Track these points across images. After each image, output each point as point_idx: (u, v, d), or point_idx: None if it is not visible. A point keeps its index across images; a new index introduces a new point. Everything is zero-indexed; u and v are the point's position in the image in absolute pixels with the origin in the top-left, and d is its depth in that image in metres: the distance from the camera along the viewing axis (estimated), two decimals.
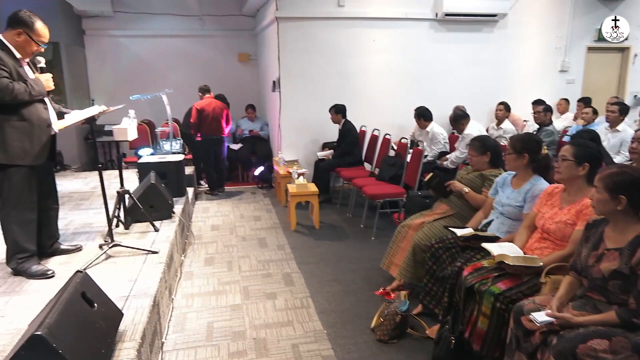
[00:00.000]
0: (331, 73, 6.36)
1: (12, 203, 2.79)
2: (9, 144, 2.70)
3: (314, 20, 6.16)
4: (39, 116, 2.81)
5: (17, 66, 2.71)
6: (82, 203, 4.81)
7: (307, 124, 6.40)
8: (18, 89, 2.63)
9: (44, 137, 2.83)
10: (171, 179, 4.69)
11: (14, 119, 2.71)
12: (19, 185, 2.78)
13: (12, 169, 2.74)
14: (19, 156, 2.73)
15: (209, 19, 8.09)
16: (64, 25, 6.95)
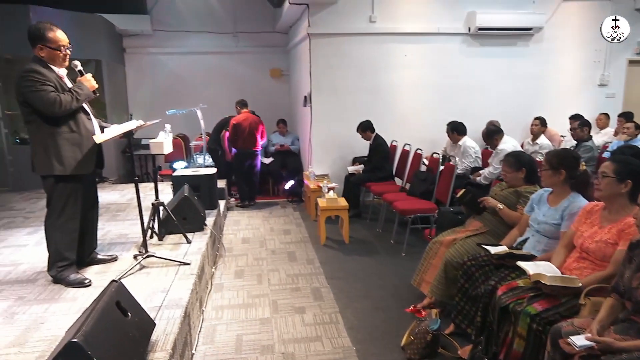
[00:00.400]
0: (362, 88, 6.38)
1: (58, 212, 2.91)
2: (63, 155, 2.83)
3: (345, 36, 6.22)
4: (85, 127, 2.95)
5: (58, 79, 2.85)
6: (119, 214, 4.95)
7: (338, 138, 6.42)
8: (65, 99, 2.76)
9: (91, 146, 2.97)
10: (204, 191, 4.78)
11: (65, 130, 2.85)
12: (67, 196, 2.91)
13: (64, 179, 2.87)
14: (73, 166, 2.87)
15: (242, 36, 8.30)
16: (106, 44, 7.28)
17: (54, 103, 2.72)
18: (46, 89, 2.72)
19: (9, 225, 4.61)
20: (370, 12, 6.21)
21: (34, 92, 2.71)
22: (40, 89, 2.71)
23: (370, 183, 5.75)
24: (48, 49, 2.83)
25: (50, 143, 2.82)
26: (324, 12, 6.11)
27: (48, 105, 2.72)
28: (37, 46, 2.82)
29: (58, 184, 2.88)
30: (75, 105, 2.83)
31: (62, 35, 2.87)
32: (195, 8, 8.08)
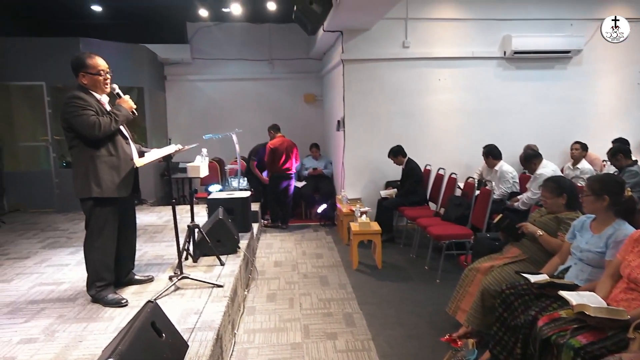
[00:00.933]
0: (395, 112, 6.38)
1: (97, 234, 3.01)
2: (102, 178, 2.95)
3: (379, 62, 6.28)
4: (124, 150, 3.07)
5: (98, 104, 2.99)
6: (156, 236, 5.08)
7: (371, 162, 6.42)
8: (104, 121, 2.89)
9: (129, 169, 3.08)
10: (238, 214, 4.85)
11: (104, 154, 2.97)
12: (105, 218, 3.01)
13: (102, 202, 2.98)
14: (110, 189, 2.97)
15: (278, 62, 8.51)
16: (148, 73, 7.62)
17: (94, 126, 2.85)
18: (87, 113, 2.86)
19: (53, 245, 4.80)
20: (403, 38, 6.26)
21: (75, 117, 2.86)
22: (81, 113, 2.85)
23: (403, 207, 5.68)
24: (89, 75, 2.99)
25: (90, 166, 2.94)
26: (357, 39, 6.20)
27: (88, 129, 2.85)
28: (80, 74, 2.99)
29: (96, 206, 2.98)
30: (114, 127, 2.95)
31: (101, 61, 3.04)
32: (232, 37, 8.37)
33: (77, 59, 3.00)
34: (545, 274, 2.76)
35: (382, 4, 5.11)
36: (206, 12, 7.45)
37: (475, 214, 4.63)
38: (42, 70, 6.61)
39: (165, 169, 3.31)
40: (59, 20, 7.72)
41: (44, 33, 7.40)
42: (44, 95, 6.71)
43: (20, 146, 7.06)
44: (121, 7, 7.18)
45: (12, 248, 4.72)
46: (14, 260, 4.26)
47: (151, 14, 7.72)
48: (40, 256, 4.39)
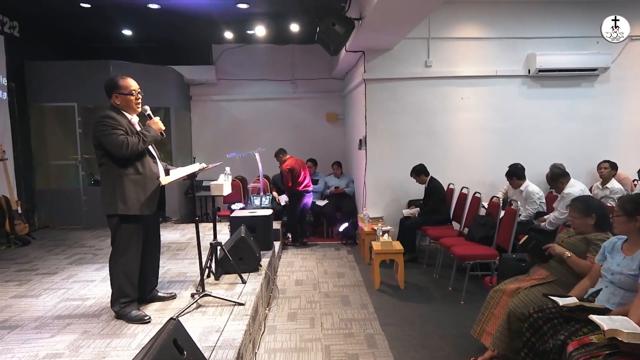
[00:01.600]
0: (418, 131, 6.36)
1: (122, 251, 3.06)
2: (127, 196, 3.01)
3: (400, 81, 6.30)
4: (150, 169, 3.13)
5: (129, 124, 3.08)
6: (179, 253, 5.13)
7: (393, 181, 6.38)
8: (132, 141, 2.97)
9: (155, 188, 3.14)
10: (260, 232, 4.86)
11: (131, 172, 3.04)
12: (130, 235, 3.06)
13: (128, 219, 3.04)
14: (135, 207, 3.03)
15: (300, 82, 8.63)
16: (175, 93, 7.84)
17: (122, 145, 2.93)
18: (116, 133, 2.95)
19: (80, 261, 4.90)
20: (425, 57, 6.27)
21: (105, 136, 2.95)
22: (111, 132, 2.95)
23: (426, 227, 5.61)
24: (122, 95, 3.10)
25: (117, 184, 3.01)
26: (379, 58, 6.25)
27: (117, 148, 2.93)
28: (113, 95, 3.10)
29: (122, 223, 3.04)
30: (142, 147, 3.03)
31: (132, 82, 3.15)
32: (256, 58, 8.55)
33: (111, 81, 3.11)
34: (575, 296, 2.66)
35: (404, 24, 5.15)
36: (231, 34, 7.65)
37: (500, 234, 4.53)
38: (74, 92, 6.87)
39: (190, 187, 3.36)
40: (92, 45, 8.05)
41: (78, 56, 7.72)
42: (75, 116, 6.95)
43: (51, 164, 7.30)
44: (150, 31, 7.44)
45: (41, 264, 4.84)
46: (42, 276, 4.36)
47: (178, 37, 7.97)
48: (67, 272, 4.49)
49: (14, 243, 5.68)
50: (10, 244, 5.64)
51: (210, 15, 6.62)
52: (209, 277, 3.91)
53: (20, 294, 3.84)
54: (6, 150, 5.98)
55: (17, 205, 5.89)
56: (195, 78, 8.32)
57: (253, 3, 6.17)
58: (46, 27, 7.14)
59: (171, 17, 6.58)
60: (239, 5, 6.18)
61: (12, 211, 5.79)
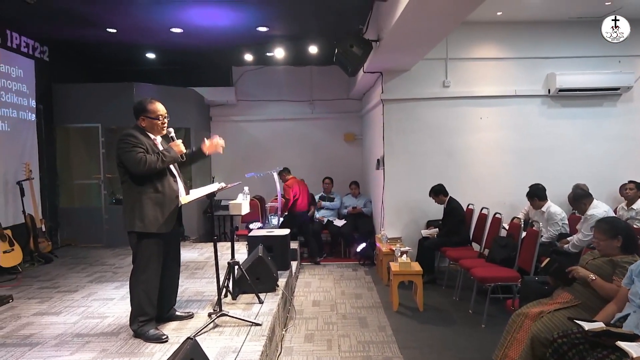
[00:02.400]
0: (436, 151, 6.33)
1: (142, 269, 3.10)
2: (145, 214, 3.06)
3: (418, 101, 6.31)
4: (170, 188, 3.18)
5: (152, 144, 3.15)
6: (197, 272, 5.16)
7: (411, 201, 6.34)
8: (150, 159, 3.03)
9: (173, 207, 3.18)
10: (277, 252, 4.86)
11: (149, 190, 3.09)
12: (150, 253, 3.10)
13: (146, 236, 3.08)
14: (153, 225, 3.08)
15: (318, 103, 8.72)
16: (195, 114, 7.99)
17: (139, 162, 2.99)
18: (136, 150, 3.03)
19: (100, 279, 4.96)
20: (443, 77, 6.29)
21: (125, 153, 3.03)
22: (131, 149, 3.03)
23: (445, 248, 5.53)
24: (149, 119, 3.18)
25: (136, 201, 3.07)
26: (397, 79, 6.28)
27: (134, 164, 3.00)
28: (140, 117, 3.19)
29: (141, 240, 3.08)
30: (160, 166, 3.08)
31: (160, 107, 3.24)
32: (275, 79, 8.69)
33: (140, 104, 3.21)
34: (601, 321, 2.58)
35: (422, 46, 5.19)
36: (251, 56, 7.80)
37: (522, 256, 4.43)
38: (98, 113, 7.06)
39: (208, 207, 3.38)
40: (117, 68, 8.30)
41: (103, 79, 7.97)
42: (99, 136, 7.13)
43: (75, 183, 7.46)
44: (172, 54, 7.64)
45: (62, 281, 4.92)
46: (63, 294, 4.43)
47: (200, 60, 8.16)
48: (88, 290, 4.54)
49: (37, 261, 5.79)
50: (33, 262, 5.75)
51: (231, 38, 6.78)
52: (226, 297, 3.91)
53: (41, 311, 3.90)
54: (33, 169, 6.16)
55: (41, 224, 6.03)
56: (216, 99, 8.49)
57: (272, 26, 6.30)
58: (74, 51, 7.40)
59: (193, 40, 6.77)
60: (258, 28, 6.32)
61: (37, 229, 5.93)
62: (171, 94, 7.34)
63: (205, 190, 3.30)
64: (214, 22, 6.02)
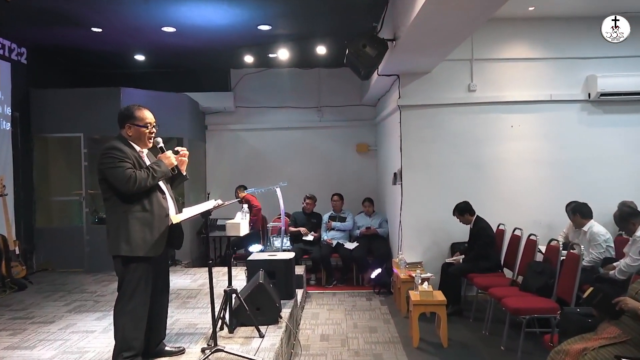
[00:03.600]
0: (460, 164, 6.32)
1: (128, 297, 3.10)
2: (131, 235, 3.07)
3: (440, 107, 6.32)
4: (159, 206, 3.20)
5: (138, 157, 3.18)
6: (189, 301, 5.15)
7: (433, 220, 6.31)
8: (140, 176, 3.06)
9: (163, 227, 3.19)
10: (280, 278, 4.85)
11: (136, 209, 3.11)
12: (138, 279, 3.10)
13: (133, 260, 3.09)
14: (140, 247, 3.09)
15: (327, 109, 8.79)
16: (188, 122, 8.08)
17: (129, 180, 3.02)
18: (123, 166, 3.05)
19: (80, 309, 4.97)
20: (469, 81, 6.31)
21: (111, 169, 3.06)
22: (117, 165, 3.05)
23: (472, 274, 5.49)
24: (135, 127, 3.22)
25: (122, 222, 3.08)
26: (416, 83, 6.31)
27: (123, 182, 3.03)
28: (126, 125, 3.23)
29: (127, 265, 3.09)
30: (150, 183, 3.11)
31: (149, 114, 3.29)
32: (278, 83, 8.79)
33: (127, 110, 3.26)
34: None
35: (444, 45, 5.22)
36: (251, 58, 7.91)
37: (561, 284, 4.38)
38: (81, 122, 7.17)
39: (203, 227, 3.40)
40: (103, 71, 8.45)
41: (87, 84, 8.09)
42: (81, 147, 7.22)
43: (53, 200, 7.55)
44: (164, 55, 7.77)
45: (37, 311, 4.94)
46: (38, 325, 4.44)
47: (194, 62, 8.29)
48: (66, 321, 4.55)
49: (10, 287, 5.82)
50: (5, 288, 5.78)
51: (229, 39, 6.88)
52: (222, 330, 3.89)
53: (13, 344, 3.91)
54: (7, 184, 6.22)
55: (15, 246, 6.07)
56: (212, 105, 8.60)
57: (276, 25, 6.38)
58: (55, 54, 7.55)
59: (187, 40, 6.87)
60: (260, 27, 6.41)
61: (10, 252, 5.97)
62: (162, 100, 7.44)
63: (199, 208, 3.32)
64: (210, 20, 6.12)
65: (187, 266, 7.46)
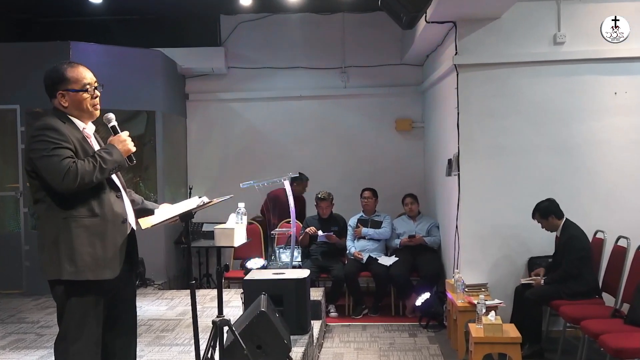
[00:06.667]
0: (542, 147, 6.25)
1: (73, 334, 3.04)
2: (77, 250, 2.97)
3: (514, 67, 6.25)
4: (112, 209, 3.11)
5: (82, 139, 3.09)
6: (165, 336, 5.20)
7: (503, 226, 6.26)
8: (83, 168, 2.91)
9: (119, 238, 3.12)
10: (290, 305, 4.86)
11: (82, 214, 3.01)
12: (84, 311, 3.03)
13: (78, 286, 3.01)
14: (89, 267, 3.00)
15: (355, 72, 8.74)
16: (162, 89, 8.09)
17: (67, 173, 2.87)
18: (59, 154, 2.92)
19: (17, 345, 5.05)
20: (554, 30, 6.21)
21: (42, 158, 2.93)
22: (51, 154, 2.91)
23: (558, 301, 5.47)
24: (70, 93, 3.10)
25: (61, 232, 2.98)
26: (479, 33, 6.24)
27: (58, 177, 2.89)
28: (58, 94, 3.11)
29: (71, 293, 3.00)
30: (98, 178, 2.97)
31: (86, 71, 3.16)
32: (286, 36, 8.78)
33: (53, 72, 3.13)
34: None
35: None
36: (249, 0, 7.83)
37: None
38: (16, 89, 7.23)
39: (183, 234, 3.40)
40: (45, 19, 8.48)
41: (25, 37, 8.14)
42: (17, 124, 7.30)
43: None
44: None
45: None
46: None
47: (170, 6, 8.28)
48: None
49: None
50: None
51: None
52: None
53: None
54: None
55: None
56: (195, 66, 8.61)
57: None
58: None
59: None
60: None
61: None
62: (125, 58, 7.48)
63: (177, 208, 3.32)
64: None
65: (162, 288, 7.52)
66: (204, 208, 3.40)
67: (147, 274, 7.61)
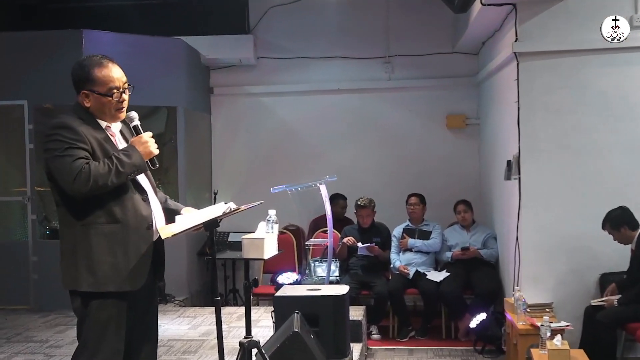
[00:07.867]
0: (618, 147, 6.16)
1: (92, 349, 3.12)
2: (96, 260, 3.05)
3: (582, 56, 6.18)
4: (136, 214, 3.16)
5: (103, 140, 3.13)
6: (187, 358, 5.24)
7: (571, 237, 6.18)
8: (96, 170, 2.95)
9: (143, 246, 3.17)
10: (326, 326, 4.85)
11: (101, 221, 3.07)
12: (104, 323, 3.12)
13: (98, 297, 3.09)
14: (110, 278, 3.09)
15: (400, 61, 8.72)
16: (185, 82, 8.19)
17: (78, 176, 2.91)
18: (73, 154, 2.96)
19: None
20: (631, 11, 6.13)
21: (55, 159, 2.99)
22: (65, 153, 2.96)
23: (636, 324, 5.38)
24: (95, 95, 3.14)
25: (78, 240, 3.05)
26: (542, 16, 6.18)
27: (68, 178, 2.94)
28: (82, 92, 3.15)
29: (90, 305, 3.07)
30: (114, 181, 3.00)
31: (116, 71, 3.19)
32: (322, 23, 8.78)
33: (81, 68, 3.17)
34: None
35: None
36: None
37: None
38: (24, 83, 7.35)
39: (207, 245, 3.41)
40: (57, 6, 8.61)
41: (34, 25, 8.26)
42: (25, 122, 7.41)
43: None
44: None
45: None
46: None
47: None
48: None
49: None
50: None
51: None
52: None
53: None
54: None
55: None
56: (220, 57, 8.66)
57: None
58: None
59: None
60: None
61: None
62: (144, 48, 7.57)
63: (201, 215, 3.34)
64: None
65: (184, 304, 7.57)
66: (230, 215, 3.41)
67: (167, 289, 7.66)
